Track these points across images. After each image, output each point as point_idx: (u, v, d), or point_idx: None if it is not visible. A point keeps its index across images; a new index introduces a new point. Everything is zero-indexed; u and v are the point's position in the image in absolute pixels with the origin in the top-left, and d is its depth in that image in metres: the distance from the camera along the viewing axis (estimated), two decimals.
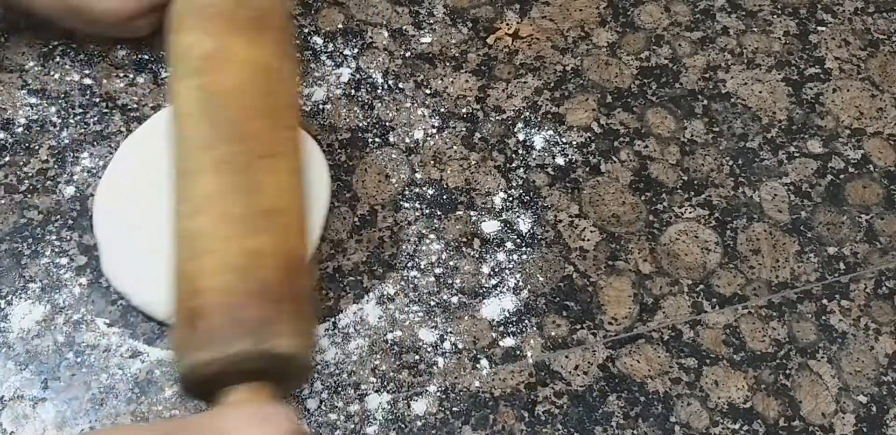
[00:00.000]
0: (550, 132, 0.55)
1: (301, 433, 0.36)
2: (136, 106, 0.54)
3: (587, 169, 0.54)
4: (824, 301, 0.51)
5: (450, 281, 0.50)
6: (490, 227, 0.52)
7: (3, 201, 0.50)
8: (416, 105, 0.55)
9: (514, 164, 0.54)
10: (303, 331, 0.38)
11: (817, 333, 0.50)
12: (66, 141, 0.52)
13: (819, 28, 0.61)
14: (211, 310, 0.36)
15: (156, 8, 0.49)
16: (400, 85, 0.56)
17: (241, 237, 0.38)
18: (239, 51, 0.42)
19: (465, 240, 0.51)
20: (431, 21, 0.59)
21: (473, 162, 0.54)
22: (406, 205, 0.52)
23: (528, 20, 0.59)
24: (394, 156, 0.54)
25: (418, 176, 0.53)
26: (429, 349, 0.48)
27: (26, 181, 0.51)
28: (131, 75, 0.55)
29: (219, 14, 0.43)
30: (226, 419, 0.35)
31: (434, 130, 0.55)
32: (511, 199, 0.53)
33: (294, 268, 0.39)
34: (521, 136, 0.55)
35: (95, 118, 0.53)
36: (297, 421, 0.36)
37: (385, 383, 0.47)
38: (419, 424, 0.46)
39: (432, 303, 0.49)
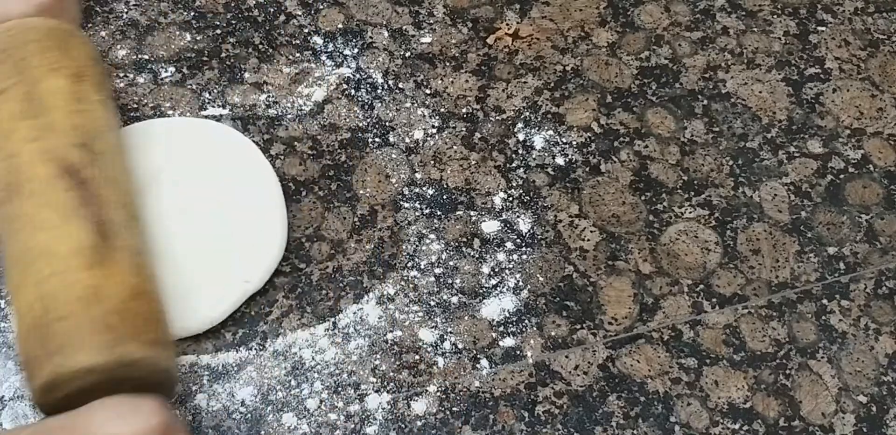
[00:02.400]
0: (550, 132, 0.55)
1: (172, 425, 0.35)
2: (136, 106, 0.54)
3: (587, 169, 0.54)
4: (824, 301, 0.51)
5: (450, 281, 0.50)
6: (490, 227, 0.52)
7: None
8: (416, 105, 0.55)
9: (514, 164, 0.54)
10: (152, 339, 0.38)
11: (817, 333, 0.50)
12: None
13: (819, 28, 0.61)
14: (57, 332, 0.37)
15: None
16: (400, 85, 0.56)
17: (76, 272, 0.38)
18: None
19: (465, 240, 0.51)
20: (431, 21, 0.59)
21: (473, 162, 0.54)
22: (406, 205, 0.52)
23: (528, 20, 0.59)
24: (394, 156, 0.54)
25: (418, 176, 0.53)
26: (429, 349, 0.48)
27: None
28: (131, 75, 0.55)
29: None
30: (91, 414, 0.35)
31: (434, 130, 0.55)
32: (511, 199, 0.53)
33: (132, 290, 0.39)
34: (521, 136, 0.55)
35: None
36: (167, 412, 0.35)
37: (385, 383, 0.47)
38: (419, 424, 0.46)
39: (432, 303, 0.49)
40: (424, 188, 0.53)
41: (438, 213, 0.52)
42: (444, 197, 0.53)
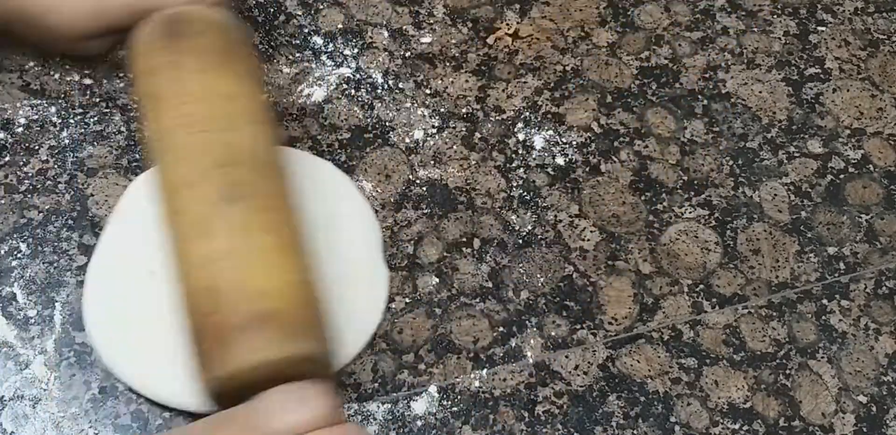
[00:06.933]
0: (550, 132, 0.55)
1: (340, 407, 0.36)
2: (136, 106, 0.54)
3: (587, 169, 0.54)
4: (824, 301, 0.51)
5: (450, 281, 0.50)
6: (490, 227, 0.52)
7: (3, 201, 0.50)
8: (416, 105, 0.55)
9: (514, 164, 0.54)
10: (315, 336, 0.39)
11: (817, 333, 0.50)
12: (66, 141, 0.52)
13: (819, 28, 0.61)
14: (226, 327, 0.37)
15: (112, 30, 0.48)
16: (400, 85, 0.56)
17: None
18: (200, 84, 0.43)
19: (464, 240, 0.51)
20: (431, 21, 0.59)
21: (473, 162, 0.54)
22: (406, 205, 0.52)
23: (528, 20, 0.59)
24: (394, 156, 0.54)
25: (418, 176, 0.53)
26: (429, 349, 0.48)
27: (26, 181, 0.51)
28: (131, 75, 0.55)
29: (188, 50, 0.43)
30: (265, 403, 0.36)
31: (434, 130, 0.55)
32: (511, 199, 0.53)
33: (299, 289, 0.39)
34: (521, 136, 0.55)
35: (95, 118, 0.53)
36: (333, 398, 0.36)
37: (385, 383, 0.47)
38: (419, 424, 0.46)
39: (432, 303, 0.49)
40: (424, 188, 0.53)
41: (438, 213, 0.52)
42: (444, 197, 0.53)
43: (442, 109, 0.55)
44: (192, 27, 0.44)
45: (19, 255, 0.49)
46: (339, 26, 0.58)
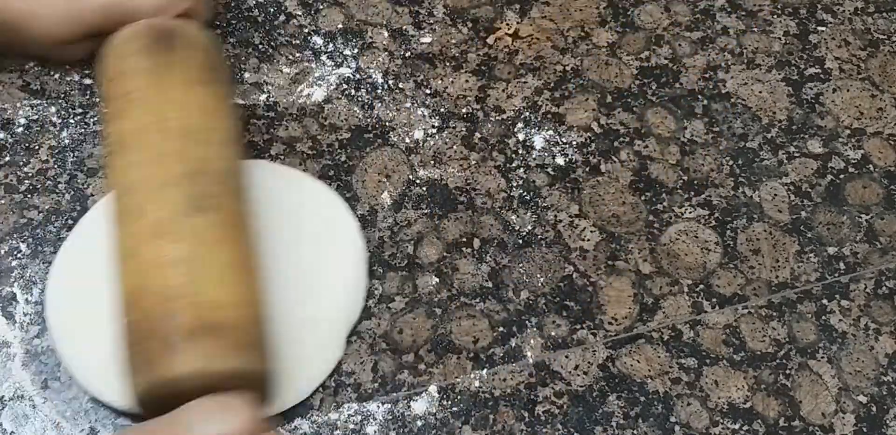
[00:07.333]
0: (550, 132, 0.55)
1: (261, 420, 0.36)
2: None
3: (587, 169, 0.54)
4: (824, 301, 0.51)
5: (450, 281, 0.50)
6: (490, 227, 0.52)
7: (3, 201, 0.50)
8: (416, 105, 0.55)
9: (514, 164, 0.54)
10: (259, 355, 0.40)
11: (817, 333, 0.50)
12: (66, 141, 0.52)
13: (819, 28, 0.61)
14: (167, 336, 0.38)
15: (92, 35, 0.49)
16: (400, 85, 0.56)
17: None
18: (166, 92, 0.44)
19: (465, 240, 0.51)
20: (431, 21, 0.59)
21: (473, 162, 0.54)
22: (406, 205, 0.52)
23: (528, 20, 0.59)
24: (394, 156, 0.54)
25: (418, 176, 0.53)
26: (429, 349, 0.48)
27: (26, 181, 0.51)
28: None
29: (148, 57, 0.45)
30: (187, 414, 0.36)
31: (434, 130, 0.55)
32: (511, 199, 0.53)
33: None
34: (521, 136, 0.55)
35: (95, 118, 0.53)
36: (253, 411, 0.36)
37: (385, 383, 0.47)
38: (419, 424, 0.46)
39: (432, 303, 0.49)
40: (424, 188, 0.53)
41: (438, 213, 0.52)
42: (444, 197, 0.53)
43: (442, 109, 0.55)
44: (182, 40, 0.46)
45: (19, 255, 0.49)
46: (339, 26, 0.58)
